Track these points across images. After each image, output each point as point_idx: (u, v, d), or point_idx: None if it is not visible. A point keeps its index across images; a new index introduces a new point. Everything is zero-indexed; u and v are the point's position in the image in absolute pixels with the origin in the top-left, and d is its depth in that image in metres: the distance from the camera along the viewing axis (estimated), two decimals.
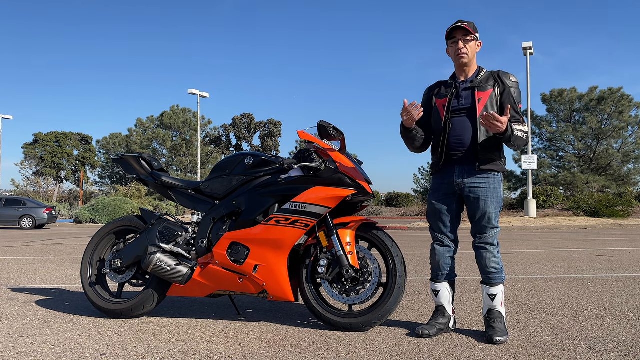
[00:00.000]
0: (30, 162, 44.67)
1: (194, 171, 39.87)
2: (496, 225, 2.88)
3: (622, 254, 7.37)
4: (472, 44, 2.90)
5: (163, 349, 2.63)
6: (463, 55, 2.88)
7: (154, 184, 3.53)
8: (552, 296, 4.05)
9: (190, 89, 29.97)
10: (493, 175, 2.87)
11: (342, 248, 2.96)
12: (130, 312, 3.26)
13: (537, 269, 5.76)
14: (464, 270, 5.60)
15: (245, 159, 3.27)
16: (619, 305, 3.68)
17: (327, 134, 3.04)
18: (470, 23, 2.90)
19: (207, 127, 45.64)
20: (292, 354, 2.54)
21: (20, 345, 2.71)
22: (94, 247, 3.50)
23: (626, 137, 32.65)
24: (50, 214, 19.98)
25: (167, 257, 3.17)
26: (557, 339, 2.77)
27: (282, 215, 2.98)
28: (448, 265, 2.96)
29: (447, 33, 2.93)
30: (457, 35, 2.89)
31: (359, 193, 2.99)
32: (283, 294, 3.01)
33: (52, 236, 13.38)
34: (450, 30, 2.90)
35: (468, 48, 2.88)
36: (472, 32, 2.88)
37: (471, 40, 2.89)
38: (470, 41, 2.89)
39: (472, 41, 2.90)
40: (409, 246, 9.10)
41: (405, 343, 2.72)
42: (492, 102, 2.85)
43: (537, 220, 17.48)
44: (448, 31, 2.92)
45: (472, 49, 2.90)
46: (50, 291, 4.39)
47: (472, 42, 2.90)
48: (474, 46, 2.91)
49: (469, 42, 2.89)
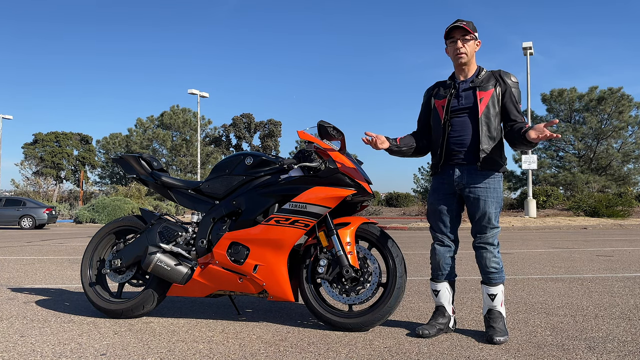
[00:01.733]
0: (30, 162, 44.64)
1: (194, 171, 39.85)
2: (496, 225, 2.88)
3: (622, 253, 7.37)
4: (470, 43, 2.89)
5: (163, 349, 2.63)
6: (462, 55, 2.88)
7: (154, 184, 3.53)
8: (552, 296, 4.05)
9: (190, 89, 29.95)
10: (493, 176, 2.87)
11: (342, 248, 2.96)
12: (130, 312, 3.26)
13: (537, 268, 5.76)
14: (464, 270, 5.60)
15: (245, 159, 3.27)
16: (619, 305, 3.68)
17: (327, 134, 3.04)
18: (469, 22, 2.90)
19: (207, 127, 45.66)
20: (292, 354, 2.54)
21: (20, 345, 2.71)
22: (94, 247, 3.50)
23: (626, 137, 32.65)
24: (50, 214, 19.97)
25: (167, 257, 3.17)
26: (557, 339, 2.77)
27: (282, 215, 2.98)
28: (448, 265, 2.96)
29: (446, 32, 2.92)
30: (455, 35, 2.89)
31: (359, 193, 2.99)
32: (283, 294, 3.01)
33: (52, 236, 13.38)
34: (449, 29, 2.90)
35: (467, 47, 2.88)
36: (471, 32, 2.87)
37: (470, 40, 2.89)
38: (469, 40, 2.89)
39: (471, 40, 2.89)
40: (409, 246, 9.10)
41: (405, 343, 2.72)
42: (493, 101, 2.84)
43: (537, 220, 17.47)
44: (447, 31, 2.92)
45: (471, 49, 2.90)
46: (50, 291, 4.39)
47: (471, 42, 2.90)
48: (473, 45, 2.91)
49: (467, 41, 2.88)
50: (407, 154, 3.08)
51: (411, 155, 3.11)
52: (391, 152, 3.03)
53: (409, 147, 3.05)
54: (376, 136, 2.92)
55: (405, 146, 3.04)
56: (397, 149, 3.01)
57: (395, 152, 3.04)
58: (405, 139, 3.06)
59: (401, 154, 3.08)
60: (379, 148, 2.94)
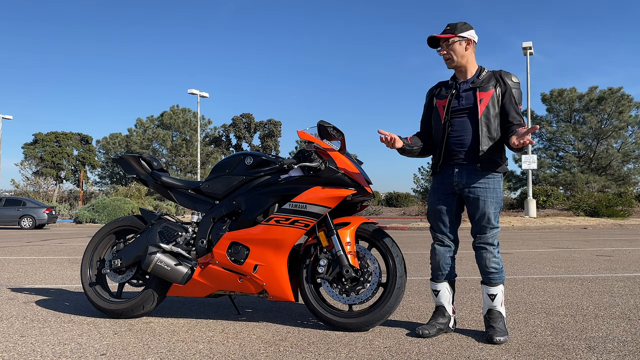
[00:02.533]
0: (30, 162, 44.65)
1: (194, 171, 39.85)
2: (496, 226, 2.88)
3: (622, 253, 7.37)
4: (455, 46, 2.88)
5: (163, 349, 2.63)
6: (447, 60, 2.92)
7: (154, 183, 3.53)
8: (552, 296, 4.05)
9: (190, 89, 29.97)
10: (493, 176, 2.87)
11: (342, 248, 2.96)
12: (130, 312, 3.26)
13: (537, 268, 5.76)
14: (464, 270, 5.60)
15: (245, 158, 3.27)
16: (618, 305, 3.68)
17: (327, 133, 3.04)
18: (449, 26, 2.91)
19: (207, 127, 45.64)
20: (292, 354, 2.54)
21: (20, 345, 2.71)
22: (94, 247, 3.50)
23: (626, 137, 32.66)
24: (50, 214, 19.98)
25: (167, 257, 3.17)
26: (557, 339, 2.77)
27: (282, 215, 2.98)
28: (448, 265, 2.96)
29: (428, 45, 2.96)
30: (437, 44, 2.93)
31: (359, 193, 2.99)
32: (283, 294, 3.01)
33: (52, 236, 13.38)
34: (428, 42, 2.94)
35: (452, 52, 2.88)
36: (450, 36, 2.87)
37: (453, 43, 2.88)
38: (452, 44, 2.88)
39: (455, 43, 2.88)
40: (409, 246, 9.10)
41: (405, 343, 2.72)
42: (493, 102, 2.84)
43: (537, 220, 17.48)
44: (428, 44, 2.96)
45: (458, 51, 2.89)
46: (50, 291, 4.39)
47: (456, 44, 2.88)
48: (460, 47, 2.89)
49: (450, 45, 2.89)
50: (416, 153, 3.08)
51: (419, 154, 3.11)
52: (402, 151, 3.03)
53: (418, 147, 3.06)
54: (390, 135, 2.92)
55: (416, 146, 3.05)
56: (409, 148, 3.02)
57: (406, 152, 3.04)
58: (414, 139, 3.07)
59: (412, 154, 3.08)
60: (394, 147, 2.94)
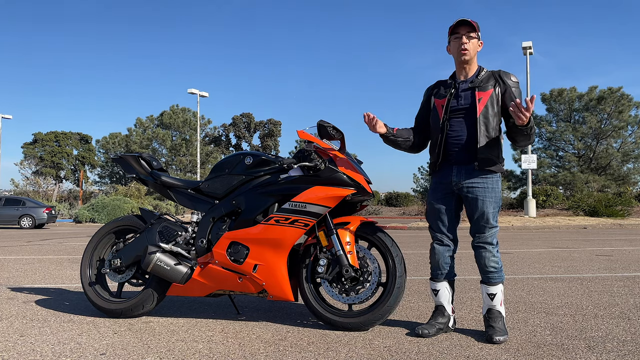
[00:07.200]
0: (29, 162, 44.60)
1: (193, 171, 39.83)
2: (495, 225, 2.88)
3: (622, 253, 7.37)
4: (474, 41, 2.90)
5: (163, 349, 2.63)
6: (465, 51, 2.87)
7: (154, 183, 3.53)
8: (552, 296, 4.05)
9: (190, 89, 29.94)
10: (492, 175, 2.87)
11: (342, 247, 2.96)
12: (130, 312, 3.26)
13: (536, 268, 5.76)
14: (464, 269, 5.60)
15: (245, 158, 3.27)
16: (618, 304, 3.68)
17: (326, 133, 3.04)
18: (475, 22, 2.91)
19: (206, 126, 45.68)
20: (292, 353, 2.54)
21: (20, 345, 2.71)
22: (94, 247, 3.50)
23: (626, 137, 32.63)
24: (50, 213, 19.97)
25: (166, 256, 3.17)
26: (556, 339, 2.77)
27: (281, 214, 2.98)
28: (447, 264, 2.96)
29: (451, 28, 2.92)
30: (460, 31, 2.89)
31: (359, 192, 2.99)
32: (283, 294, 3.01)
33: (52, 236, 13.38)
34: (455, 25, 2.90)
35: (470, 45, 2.88)
36: (476, 30, 2.89)
37: (474, 38, 2.89)
38: (473, 39, 2.89)
39: (475, 39, 2.90)
40: (409, 246, 9.10)
41: (405, 342, 2.72)
42: (492, 102, 2.84)
43: (536, 220, 17.48)
44: (452, 27, 2.91)
45: (474, 47, 2.90)
46: (49, 291, 4.39)
47: (475, 40, 2.90)
48: (476, 44, 2.91)
49: (472, 39, 2.88)
50: (402, 146, 3.08)
51: (405, 149, 3.10)
52: (386, 139, 3.04)
53: (404, 139, 3.06)
54: (375, 118, 2.93)
55: (401, 137, 3.05)
56: (392, 137, 3.03)
57: (390, 141, 3.05)
58: (403, 132, 3.06)
59: (396, 145, 3.08)
60: (376, 131, 2.97)
